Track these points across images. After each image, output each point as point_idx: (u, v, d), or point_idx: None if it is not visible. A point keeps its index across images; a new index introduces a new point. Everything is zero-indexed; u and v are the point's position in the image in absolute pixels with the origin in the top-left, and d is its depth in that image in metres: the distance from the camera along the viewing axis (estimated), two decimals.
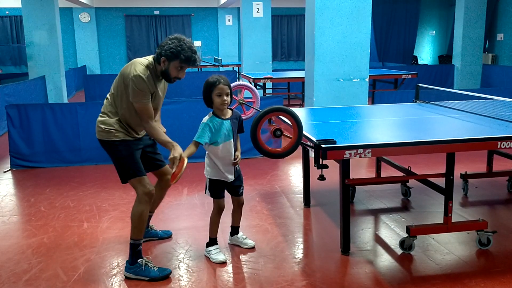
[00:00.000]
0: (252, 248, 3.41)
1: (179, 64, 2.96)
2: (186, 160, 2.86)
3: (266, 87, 9.19)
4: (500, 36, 13.40)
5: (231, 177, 3.22)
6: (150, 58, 3.04)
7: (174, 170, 2.84)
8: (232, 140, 3.15)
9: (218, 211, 3.29)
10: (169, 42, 2.94)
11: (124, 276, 3.05)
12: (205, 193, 3.28)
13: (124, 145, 3.04)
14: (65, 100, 10.58)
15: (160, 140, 3.02)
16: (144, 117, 2.99)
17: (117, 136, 3.02)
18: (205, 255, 3.33)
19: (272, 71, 11.35)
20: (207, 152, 3.18)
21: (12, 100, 7.88)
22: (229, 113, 3.17)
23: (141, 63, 2.97)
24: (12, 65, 16.19)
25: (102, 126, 3.03)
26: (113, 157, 3.07)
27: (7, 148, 5.84)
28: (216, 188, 3.23)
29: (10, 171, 5.65)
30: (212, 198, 3.28)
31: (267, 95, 9.40)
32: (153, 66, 3.00)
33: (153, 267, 3.05)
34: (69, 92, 12.05)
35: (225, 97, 3.06)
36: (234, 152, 3.19)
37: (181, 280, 3.02)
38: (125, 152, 3.04)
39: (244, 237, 3.48)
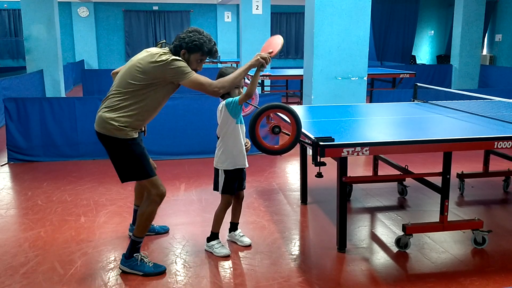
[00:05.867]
0: (248, 246, 3.42)
1: (200, 57, 2.94)
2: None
3: (265, 84, 9.20)
4: (498, 37, 13.43)
5: (246, 163, 3.25)
6: (164, 50, 2.95)
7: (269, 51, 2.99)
8: (244, 125, 3.21)
9: (226, 207, 3.31)
10: (190, 34, 2.91)
11: (120, 270, 3.06)
12: (218, 190, 3.25)
13: (136, 144, 2.94)
14: (63, 94, 10.54)
15: (241, 73, 2.94)
16: (207, 87, 2.88)
17: (129, 135, 2.90)
18: (205, 250, 3.34)
19: (271, 68, 11.35)
20: (219, 144, 3.20)
21: (10, 94, 7.86)
22: None
23: (163, 51, 2.89)
24: (10, 58, 16.16)
25: (115, 124, 2.84)
26: (122, 156, 2.93)
27: (5, 142, 5.83)
28: (232, 181, 3.23)
29: (7, 165, 5.64)
30: (217, 194, 3.29)
31: (265, 92, 9.41)
32: None
33: (149, 262, 3.06)
34: (67, 86, 12.01)
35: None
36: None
37: (178, 275, 3.03)
38: (137, 151, 2.93)
39: (241, 234, 3.49)
